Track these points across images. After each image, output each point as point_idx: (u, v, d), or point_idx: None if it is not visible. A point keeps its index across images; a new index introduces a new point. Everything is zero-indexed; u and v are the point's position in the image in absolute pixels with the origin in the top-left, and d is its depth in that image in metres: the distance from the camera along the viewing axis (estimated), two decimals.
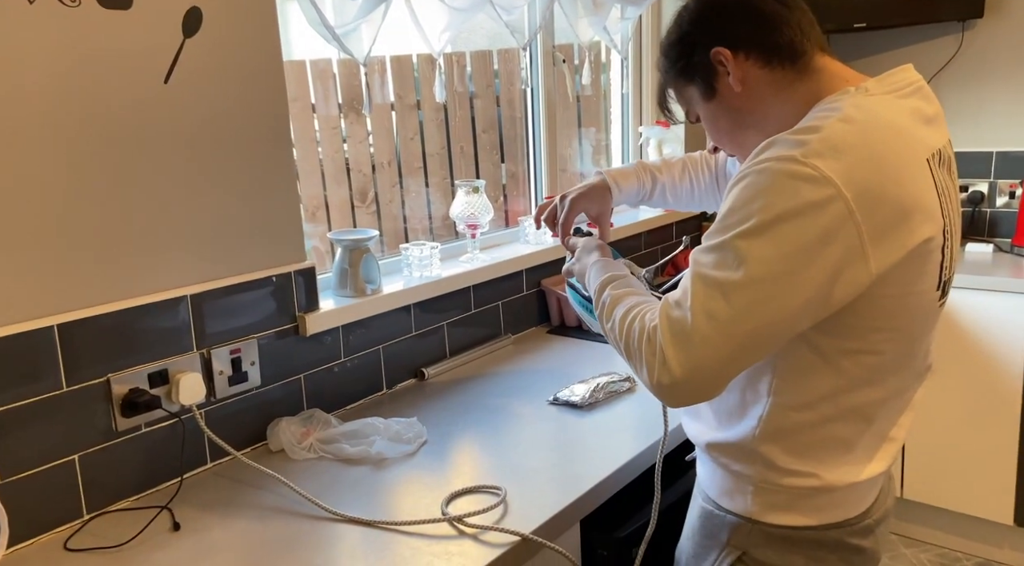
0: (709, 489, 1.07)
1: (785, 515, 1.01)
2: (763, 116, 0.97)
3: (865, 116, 0.87)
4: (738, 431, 1.00)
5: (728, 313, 0.83)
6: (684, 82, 1.00)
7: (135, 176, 1.15)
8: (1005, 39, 2.44)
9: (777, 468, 0.99)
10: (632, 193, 1.38)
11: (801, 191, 0.81)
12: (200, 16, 1.18)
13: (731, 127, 1.00)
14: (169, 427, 1.23)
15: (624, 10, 2.17)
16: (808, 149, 0.83)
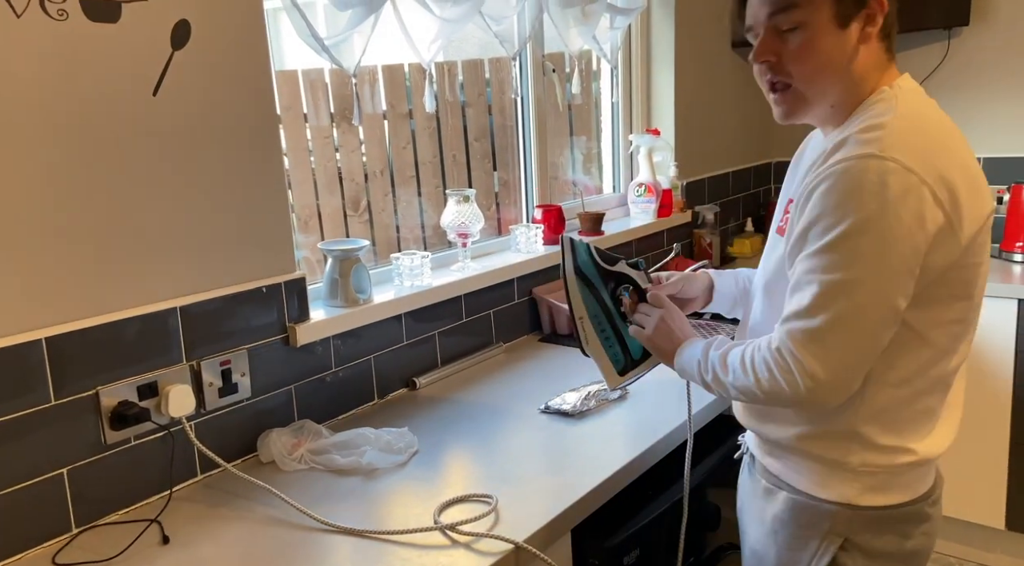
0: (798, 482, 1.09)
1: (882, 496, 1.05)
2: (852, 77, 1.00)
3: (916, 111, 0.97)
4: (835, 417, 1.02)
5: (853, 309, 0.90)
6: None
7: (123, 188, 1.15)
8: (991, 46, 2.47)
9: (878, 448, 1.02)
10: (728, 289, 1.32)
11: (889, 183, 0.89)
12: (189, 29, 1.19)
13: (827, 63, 0.98)
14: (158, 440, 1.22)
15: (613, 20, 2.19)
16: (883, 144, 0.91)
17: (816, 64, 0.99)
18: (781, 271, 1.03)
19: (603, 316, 1.20)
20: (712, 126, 2.65)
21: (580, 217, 2.16)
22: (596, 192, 2.45)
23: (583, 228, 2.16)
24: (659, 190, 2.33)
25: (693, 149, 2.55)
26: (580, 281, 1.19)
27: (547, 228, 2.02)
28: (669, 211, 2.39)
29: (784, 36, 0.99)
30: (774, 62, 1.00)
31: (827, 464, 1.05)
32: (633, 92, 2.46)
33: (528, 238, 1.97)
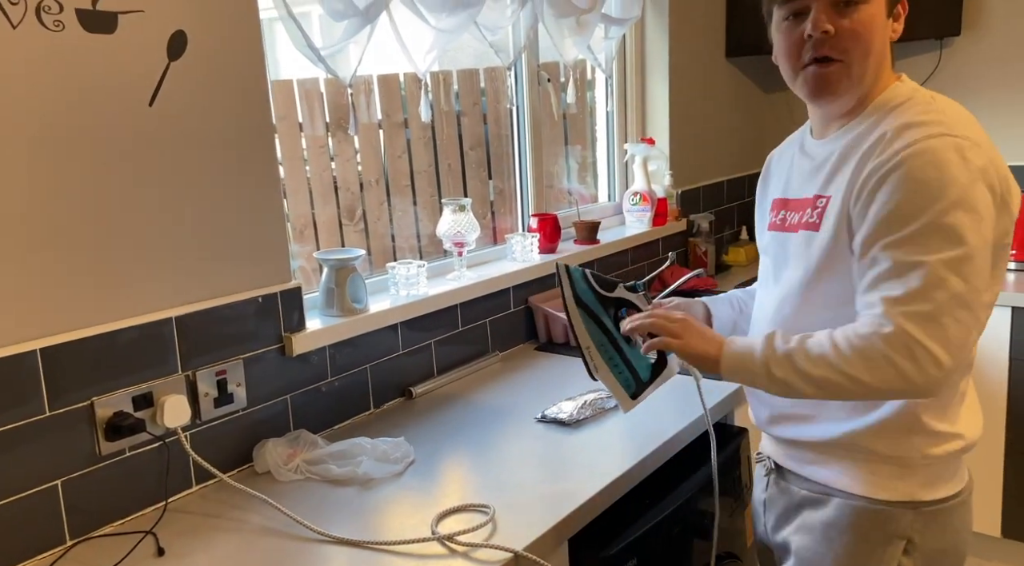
0: (852, 486, 1.05)
1: (940, 488, 1.04)
2: (883, 67, 1.04)
3: (947, 102, 1.02)
4: (891, 408, 1.01)
5: (965, 287, 0.90)
6: None
7: (118, 198, 1.15)
8: (981, 56, 2.49)
9: (936, 436, 1.02)
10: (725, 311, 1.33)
11: (970, 157, 0.92)
12: (185, 39, 1.19)
13: (876, 45, 1.01)
14: (154, 450, 1.22)
15: (608, 30, 2.20)
16: (949, 125, 0.95)
17: (870, 43, 1.00)
18: (827, 265, 1.02)
19: (608, 343, 1.20)
20: (706, 135, 2.67)
21: (576, 226, 2.16)
22: (591, 201, 2.46)
23: (579, 237, 2.16)
24: (654, 199, 2.34)
25: (688, 158, 2.56)
26: (582, 310, 1.20)
27: (543, 237, 2.03)
28: (664, 220, 2.40)
29: (843, 10, 0.99)
30: (832, 33, 0.99)
31: (886, 462, 1.03)
32: (628, 101, 2.47)
33: (524, 247, 1.97)
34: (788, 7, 1.03)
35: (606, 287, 1.22)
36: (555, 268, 1.22)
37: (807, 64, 1.02)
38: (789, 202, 1.15)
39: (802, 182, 1.12)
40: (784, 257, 1.14)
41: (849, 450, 1.06)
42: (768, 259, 1.19)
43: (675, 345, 1.09)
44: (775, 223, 1.17)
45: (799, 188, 1.13)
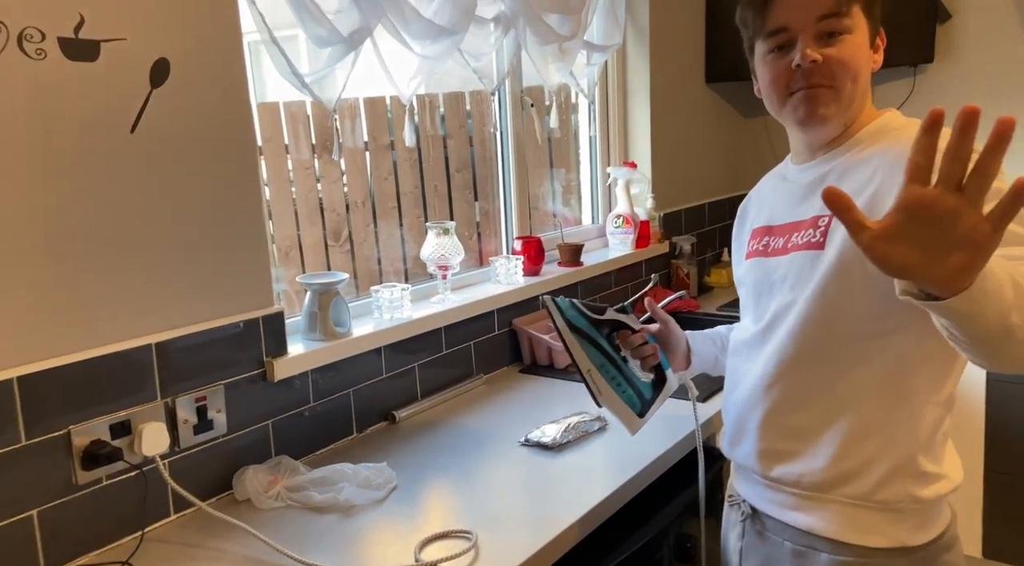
0: (841, 534, 1.00)
1: (928, 531, 1.01)
2: (866, 97, 1.06)
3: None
4: (884, 447, 0.97)
5: None
6: (863, 15, 1.02)
7: (97, 225, 1.15)
8: (954, 82, 2.55)
9: (925, 477, 0.98)
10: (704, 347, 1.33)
11: None
12: (168, 67, 1.20)
13: (863, 73, 1.02)
14: (131, 479, 1.20)
15: (590, 56, 2.23)
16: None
17: (857, 70, 1.01)
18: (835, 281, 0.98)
19: (608, 363, 1.21)
20: (687, 159, 2.70)
21: (559, 248, 2.18)
22: (576, 223, 2.48)
23: (562, 259, 2.17)
24: (637, 221, 2.36)
25: (669, 181, 2.59)
26: (577, 336, 1.21)
27: (527, 259, 2.04)
28: (647, 242, 2.42)
29: (828, 40, 1.00)
30: (820, 62, 0.99)
31: (875, 507, 0.99)
32: (611, 126, 2.50)
33: (508, 269, 1.98)
34: (773, 40, 1.03)
35: (596, 312, 1.23)
36: (541, 303, 1.23)
37: (795, 91, 1.02)
38: (774, 228, 1.12)
39: (791, 207, 1.10)
40: (768, 283, 1.10)
41: (836, 494, 1.02)
42: (746, 290, 1.17)
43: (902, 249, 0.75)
44: (756, 250, 1.14)
45: (787, 213, 1.11)
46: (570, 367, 1.93)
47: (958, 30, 2.52)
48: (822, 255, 1.01)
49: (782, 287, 1.07)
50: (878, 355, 0.99)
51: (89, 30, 1.10)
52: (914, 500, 0.99)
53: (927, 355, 0.98)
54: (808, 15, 0.99)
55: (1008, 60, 2.46)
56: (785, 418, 1.06)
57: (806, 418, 1.04)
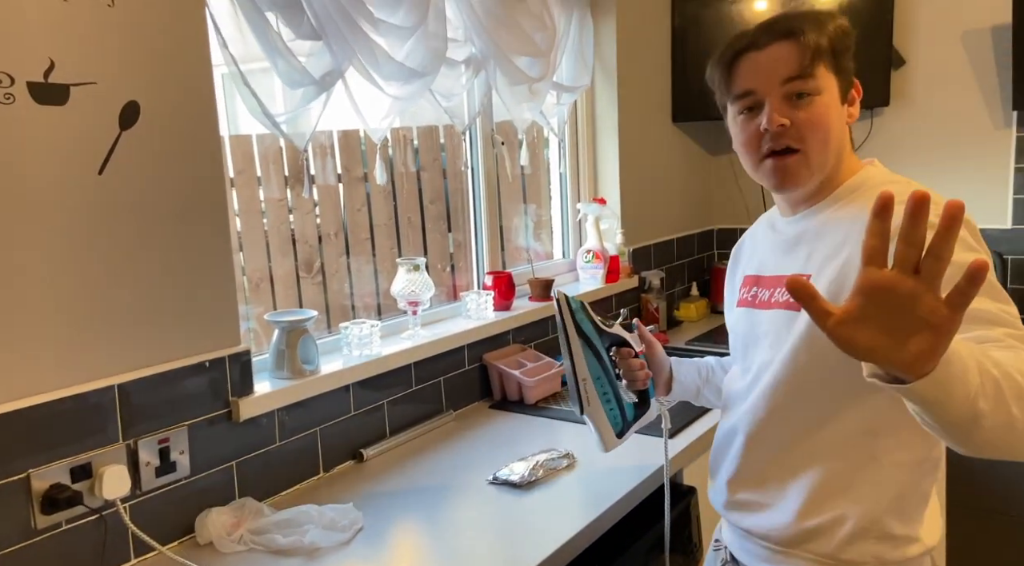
0: None
1: None
2: (843, 152, 1.05)
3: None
4: (858, 506, 0.97)
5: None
6: (830, 69, 1.00)
7: (61, 265, 1.14)
8: (910, 124, 2.66)
9: (894, 540, 0.97)
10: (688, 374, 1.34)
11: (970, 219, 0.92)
12: (138, 109, 1.21)
13: (834, 133, 1.02)
14: (91, 523, 1.18)
15: (560, 96, 2.29)
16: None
17: (827, 132, 1.00)
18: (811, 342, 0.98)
19: (603, 376, 1.20)
20: (656, 195, 2.76)
21: (530, 283, 2.20)
22: (547, 258, 2.51)
23: (533, 294, 2.20)
24: (607, 256, 2.40)
25: (638, 217, 2.64)
26: (583, 341, 1.19)
27: (497, 294, 2.06)
28: (617, 276, 2.45)
29: (796, 102, 0.99)
30: (788, 127, 0.99)
31: (841, 564, 0.98)
32: (580, 163, 2.55)
33: (479, 305, 1.99)
34: (741, 103, 1.03)
35: (603, 322, 1.22)
36: (554, 298, 1.21)
37: (766, 156, 1.02)
38: (761, 279, 1.13)
39: (776, 260, 1.12)
40: (754, 336, 1.11)
41: (800, 549, 1.02)
42: (737, 338, 1.17)
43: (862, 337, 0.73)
44: (745, 299, 1.15)
45: (774, 265, 1.12)
46: (541, 402, 1.94)
47: (912, 75, 2.63)
48: (797, 317, 1.02)
49: (764, 343, 1.08)
50: (848, 415, 0.99)
51: (59, 74, 1.11)
52: (880, 562, 0.97)
53: (900, 419, 0.95)
54: (774, 78, 0.99)
55: (958, 104, 2.57)
56: (754, 472, 1.08)
57: (774, 473, 1.05)
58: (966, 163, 2.59)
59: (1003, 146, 2.53)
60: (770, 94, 1.00)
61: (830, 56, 1.00)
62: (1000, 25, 2.46)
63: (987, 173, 2.56)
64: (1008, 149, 2.52)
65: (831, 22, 1.01)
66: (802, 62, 0.98)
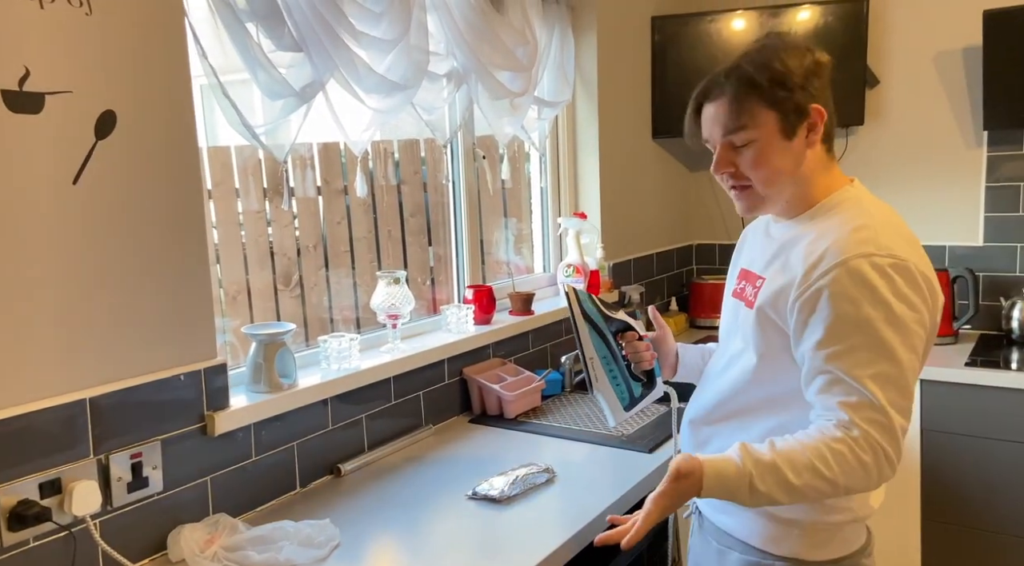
0: (750, 538, 1.17)
1: (826, 550, 1.15)
2: (803, 177, 1.14)
3: (887, 212, 1.13)
4: None
5: (904, 401, 1.02)
6: (766, 107, 1.09)
7: (33, 276, 1.12)
8: (884, 143, 2.71)
9: (826, 507, 1.13)
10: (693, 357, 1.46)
11: (896, 277, 1.02)
12: (114, 118, 1.19)
13: (779, 169, 1.12)
14: (60, 540, 1.15)
15: (541, 111, 2.30)
16: (879, 244, 1.04)
17: (769, 171, 1.12)
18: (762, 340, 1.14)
19: (610, 357, 1.33)
20: (636, 210, 2.78)
21: (511, 297, 2.20)
22: (527, 272, 2.51)
23: (513, 308, 2.19)
24: (587, 270, 2.41)
25: (618, 232, 2.66)
26: (588, 325, 1.32)
27: (478, 308, 2.05)
28: (597, 291, 2.46)
29: (739, 150, 1.12)
30: (733, 171, 1.14)
31: (780, 522, 1.14)
32: (561, 177, 2.56)
33: (459, 318, 1.98)
34: (706, 145, 1.19)
35: (609, 309, 1.35)
36: (564, 291, 1.35)
37: (731, 187, 1.17)
38: (749, 274, 1.25)
39: (763, 261, 1.23)
40: (734, 325, 1.24)
41: (749, 509, 1.15)
42: (723, 325, 1.31)
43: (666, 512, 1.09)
44: (736, 290, 1.28)
45: (760, 265, 1.23)
46: (521, 416, 1.93)
47: (885, 95, 2.69)
48: (748, 311, 1.17)
49: (738, 333, 1.22)
50: (795, 406, 1.12)
51: (34, 83, 1.09)
52: (813, 522, 1.13)
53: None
54: (715, 132, 1.14)
55: (930, 122, 2.63)
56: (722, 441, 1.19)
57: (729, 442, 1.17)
58: (938, 181, 2.64)
59: (974, 165, 2.59)
60: (717, 144, 1.15)
61: (760, 101, 1.09)
62: (971, 46, 2.52)
63: (959, 191, 2.62)
64: (979, 168, 2.58)
65: (768, 65, 1.09)
66: (731, 120, 1.11)
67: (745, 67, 1.10)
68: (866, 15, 2.53)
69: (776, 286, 1.12)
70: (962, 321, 2.47)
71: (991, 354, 2.36)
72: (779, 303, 1.10)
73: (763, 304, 1.13)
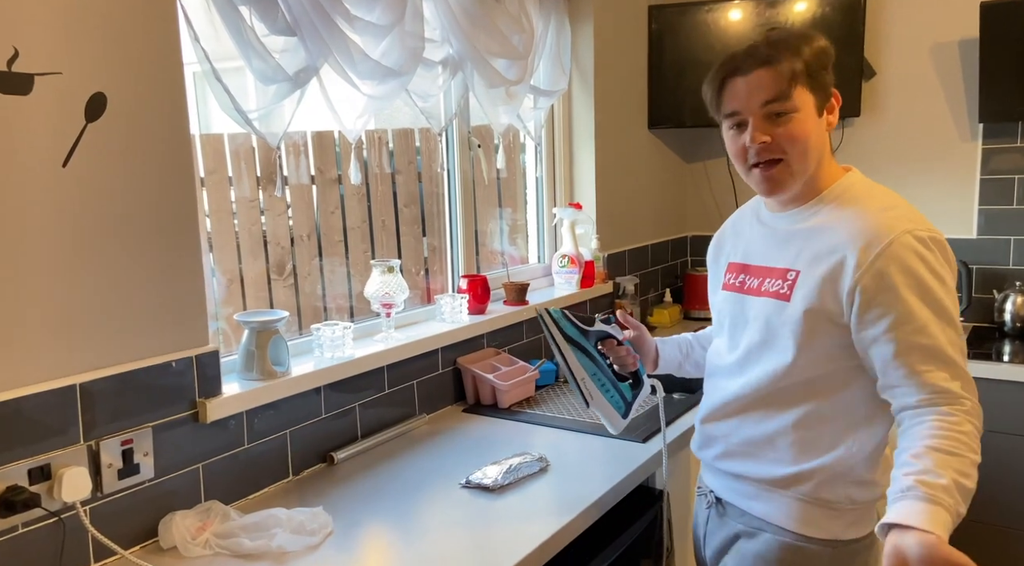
0: (786, 522, 1.18)
1: (858, 529, 1.17)
2: (824, 157, 1.17)
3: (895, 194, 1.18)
4: (831, 458, 1.15)
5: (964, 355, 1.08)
6: (808, 82, 1.12)
7: (22, 260, 1.11)
8: (880, 135, 2.71)
9: (863, 484, 1.16)
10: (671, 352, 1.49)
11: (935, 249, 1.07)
12: (104, 101, 1.18)
13: (812, 143, 1.14)
14: (49, 526, 1.14)
15: (536, 100, 2.29)
16: (914, 219, 1.09)
17: (806, 143, 1.14)
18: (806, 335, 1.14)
19: (598, 371, 1.36)
20: (631, 201, 2.77)
21: (505, 287, 2.19)
22: (522, 262, 2.51)
23: (508, 298, 2.19)
24: (582, 261, 2.40)
25: (613, 222, 2.65)
26: (572, 346, 1.34)
27: (472, 298, 2.04)
28: (591, 282, 2.46)
29: (776, 120, 1.13)
30: (769, 141, 1.13)
31: (818, 504, 1.16)
32: (556, 167, 2.55)
33: (453, 308, 1.98)
34: (729, 120, 1.18)
35: (585, 323, 1.36)
36: (537, 314, 1.34)
37: (753, 165, 1.16)
38: (749, 267, 1.26)
39: (766, 250, 1.24)
40: (743, 319, 1.24)
41: (787, 490, 1.18)
42: (724, 318, 1.30)
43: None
44: (732, 284, 1.28)
45: (762, 256, 1.25)
46: (515, 406, 1.93)
47: (882, 86, 2.68)
48: (788, 306, 1.16)
49: (754, 326, 1.22)
50: (836, 388, 1.16)
51: (23, 63, 1.08)
52: (851, 501, 1.16)
53: (873, 397, 1.15)
54: (754, 101, 1.13)
55: (927, 115, 2.63)
56: (751, 431, 1.23)
57: (769, 431, 1.21)
58: (934, 174, 2.65)
59: (969, 158, 2.59)
60: (752, 114, 1.14)
61: (806, 77, 1.12)
62: (968, 39, 2.52)
63: (954, 184, 2.62)
64: (974, 161, 2.58)
65: (809, 45, 1.14)
66: (779, 87, 1.11)
67: (791, 41, 1.13)
68: (863, 6, 2.53)
69: (819, 276, 1.12)
70: None
71: (984, 346, 2.37)
72: (828, 292, 1.11)
73: (808, 295, 1.13)
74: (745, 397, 1.23)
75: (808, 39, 1.14)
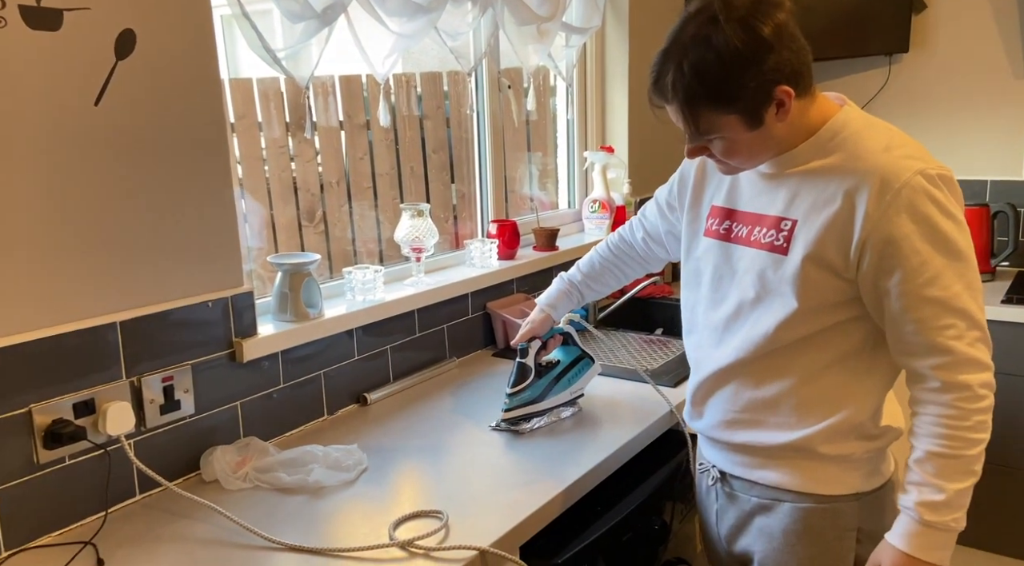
0: (803, 486, 1.14)
1: (877, 477, 1.15)
2: (783, 137, 1.06)
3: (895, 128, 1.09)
4: (837, 417, 1.10)
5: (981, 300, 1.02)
6: (723, 111, 1.00)
7: (60, 199, 1.12)
8: (928, 72, 2.58)
9: (873, 436, 1.12)
10: (567, 309, 1.55)
11: (944, 187, 1.00)
12: (134, 38, 1.16)
13: (753, 151, 1.06)
14: (95, 459, 1.18)
15: (569, 38, 2.22)
16: (921, 157, 1.02)
17: (741, 152, 1.06)
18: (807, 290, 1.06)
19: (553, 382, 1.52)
20: (664, 145, 2.70)
21: (535, 232, 2.17)
22: (552, 207, 2.48)
23: (538, 243, 2.17)
24: (613, 206, 2.37)
25: (646, 167, 2.60)
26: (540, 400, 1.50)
27: (502, 243, 2.03)
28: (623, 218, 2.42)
29: (708, 141, 1.06)
30: (707, 155, 1.09)
31: (831, 461, 1.12)
32: (588, 109, 2.49)
33: (483, 253, 1.97)
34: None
35: (522, 373, 1.49)
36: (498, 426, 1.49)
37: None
38: (736, 213, 1.17)
39: (754, 195, 1.14)
40: (730, 270, 1.16)
41: (797, 453, 1.13)
42: (705, 267, 1.21)
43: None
44: (716, 231, 1.19)
45: (750, 200, 1.14)
46: None
47: (933, 20, 2.55)
48: (785, 260, 1.08)
49: (744, 279, 1.13)
50: (837, 341, 1.10)
51: None
52: (865, 453, 1.12)
53: (879, 341, 1.09)
54: (679, 123, 1.07)
55: (980, 50, 2.50)
56: (749, 394, 1.16)
57: (770, 394, 1.14)
58: (982, 113, 2.53)
59: (1020, 96, 2.46)
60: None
61: (713, 109, 1.00)
62: None
63: (1003, 123, 2.50)
64: None
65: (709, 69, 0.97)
66: (685, 127, 1.05)
67: (685, 77, 0.98)
68: None
69: (819, 226, 1.03)
70: (1000, 258, 2.40)
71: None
72: (832, 245, 1.03)
73: (808, 248, 1.04)
74: (741, 360, 1.14)
75: (724, 39, 0.95)
